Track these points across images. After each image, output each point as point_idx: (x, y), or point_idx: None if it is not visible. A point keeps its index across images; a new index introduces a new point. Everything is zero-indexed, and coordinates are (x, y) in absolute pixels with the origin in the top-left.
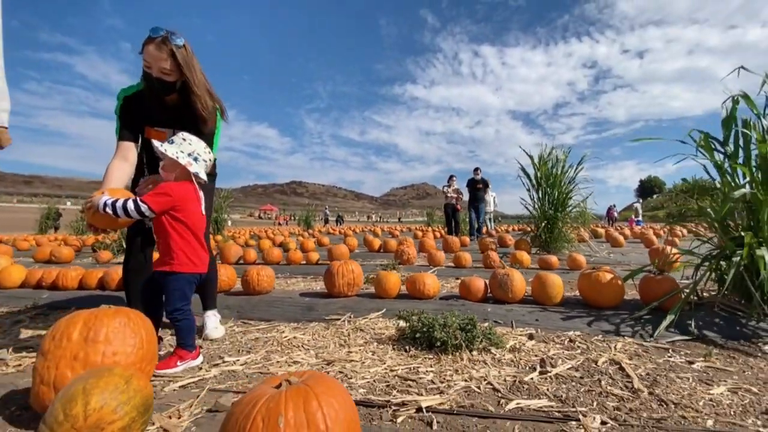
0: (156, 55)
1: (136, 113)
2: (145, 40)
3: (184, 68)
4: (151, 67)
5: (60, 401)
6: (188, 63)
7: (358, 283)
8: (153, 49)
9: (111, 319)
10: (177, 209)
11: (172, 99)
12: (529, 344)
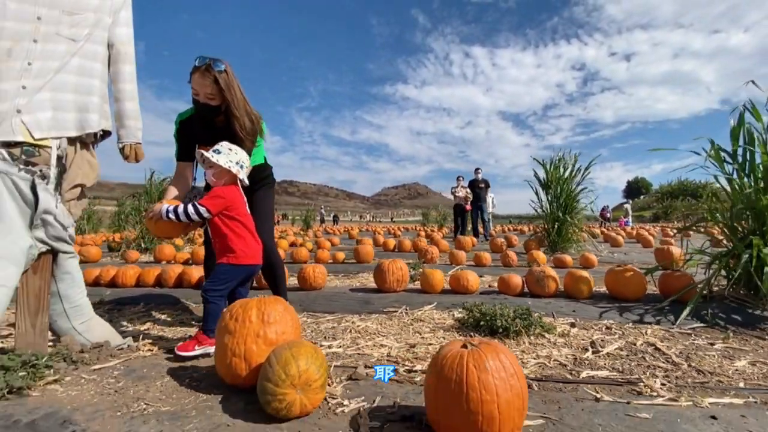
0: (201, 83)
1: (190, 135)
2: (192, 69)
3: (225, 92)
4: (198, 94)
5: (278, 365)
6: (229, 86)
7: (405, 279)
8: (198, 77)
9: (275, 305)
10: (230, 209)
11: (219, 121)
12: (574, 331)
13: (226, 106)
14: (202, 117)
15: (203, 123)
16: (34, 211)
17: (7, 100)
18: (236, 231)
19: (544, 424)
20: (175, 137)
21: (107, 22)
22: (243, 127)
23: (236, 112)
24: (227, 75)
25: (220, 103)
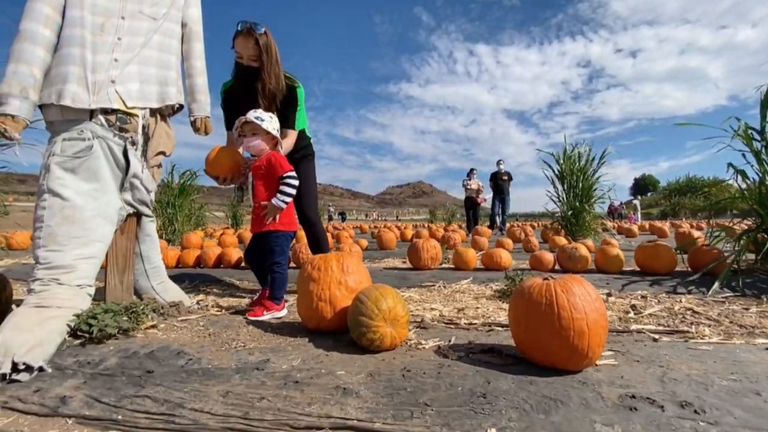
0: (244, 45)
1: (233, 103)
2: (234, 34)
3: (263, 53)
4: (243, 57)
5: (369, 302)
6: (268, 47)
7: (438, 257)
8: (241, 40)
9: (351, 258)
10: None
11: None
12: (611, 299)
13: (260, 66)
14: (242, 82)
15: (243, 88)
16: (125, 175)
17: (103, 71)
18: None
19: (613, 354)
20: (222, 107)
21: (181, 2)
22: (265, 86)
23: (264, 75)
24: (267, 37)
25: (260, 65)
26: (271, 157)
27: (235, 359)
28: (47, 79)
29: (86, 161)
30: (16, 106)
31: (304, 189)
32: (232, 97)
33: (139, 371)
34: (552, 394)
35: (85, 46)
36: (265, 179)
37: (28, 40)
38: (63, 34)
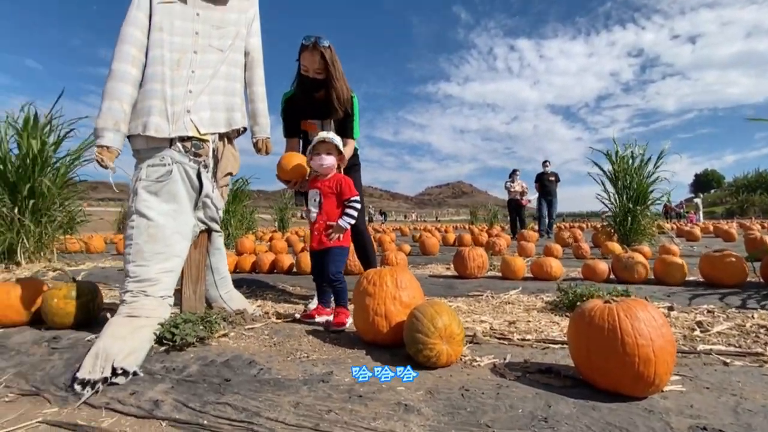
0: (311, 59)
1: (294, 112)
2: (300, 48)
3: (329, 65)
4: (308, 70)
5: (425, 319)
6: (333, 60)
7: (485, 266)
8: (308, 54)
9: (404, 273)
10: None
11: (319, 96)
12: (674, 314)
13: (328, 79)
14: (305, 92)
15: (305, 99)
16: (198, 195)
17: (179, 103)
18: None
19: (681, 380)
20: (282, 116)
21: (244, 33)
22: (339, 97)
23: (336, 83)
24: (331, 50)
25: (325, 77)
26: (343, 181)
27: (301, 370)
28: (134, 112)
29: (167, 185)
30: (110, 138)
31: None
32: (294, 106)
33: (217, 379)
34: (617, 421)
35: (165, 81)
36: (333, 199)
37: (119, 79)
38: (146, 71)
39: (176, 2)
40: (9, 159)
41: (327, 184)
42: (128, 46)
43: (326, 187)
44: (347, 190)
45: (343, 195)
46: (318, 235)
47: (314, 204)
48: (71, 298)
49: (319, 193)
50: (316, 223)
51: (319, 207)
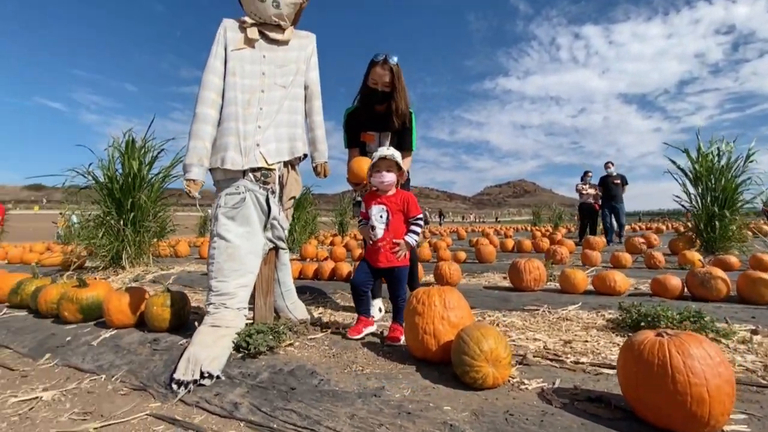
0: (381, 74)
1: (355, 124)
2: (371, 63)
3: (395, 80)
4: (377, 83)
5: (472, 342)
6: (399, 75)
7: (542, 278)
8: (379, 69)
9: (453, 293)
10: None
11: (381, 108)
12: (757, 338)
13: (393, 92)
14: (368, 104)
15: (367, 111)
16: (267, 218)
17: (250, 138)
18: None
19: (747, 419)
20: (344, 128)
21: (303, 68)
22: (398, 110)
23: (398, 96)
24: (398, 67)
25: (391, 90)
26: (410, 199)
27: (356, 383)
28: (213, 148)
29: (241, 210)
30: (196, 173)
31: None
32: (356, 119)
33: (284, 387)
34: None
35: (238, 119)
36: (401, 216)
37: (201, 121)
38: (223, 111)
39: (246, 48)
40: (115, 178)
41: (394, 200)
42: (208, 92)
43: (394, 204)
44: (414, 208)
45: (410, 213)
46: (385, 252)
47: (381, 221)
48: (167, 306)
49: (386, 209)
50: (383, 239)
51: (387, 224)
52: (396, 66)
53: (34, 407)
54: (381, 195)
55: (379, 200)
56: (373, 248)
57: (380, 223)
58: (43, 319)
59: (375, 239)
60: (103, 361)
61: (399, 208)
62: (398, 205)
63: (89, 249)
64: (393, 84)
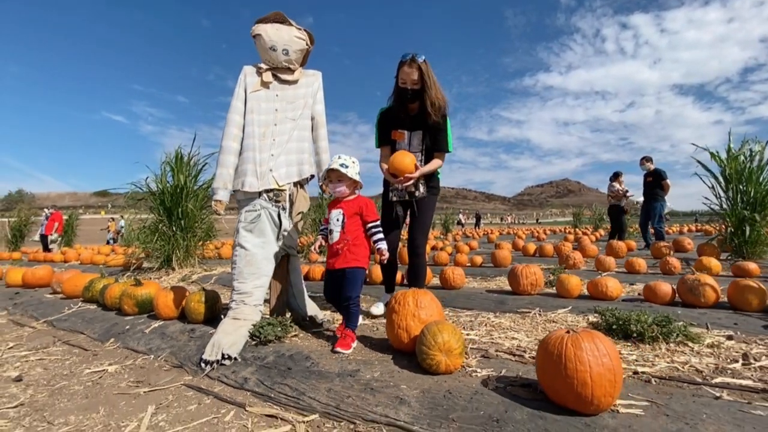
0: (408, 72)
1: (387, 123)
2: (399, 63)
3: (425, 76)
4: (406, 82)
5: (429, 335)
6: (428, 72)
7: (539, 283)
8: (406, 68)
9: (425, 295)
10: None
11: (413, 107)
12: (729, 343)
13: (423, 89)
14: (401, 103)
15: (400, 110)
16: (279, 230)
17: (264, 164)
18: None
19: (648, 405)
20: (376, 127)
21: (310, 102)
22: (433, 103)
23: (430, 92)
24: (426, 64)
25: (420, 87)
26: (367, 204)
27: (338, 366)
28: (236, 173)
29: (257, 224)
30: (222, 195)
31: (421, 221)
32: (388, 118)
33: (284, 367)
34: (554, 429)
35: (255, 149)
36: (357, 219)
37: (226, 152)
38: (243, 143)
39: (262, 89)
40: (167, 189)
41: (350, 205)
42: (231, 128)
43: (349, 208)
44: (371, 213)
45: (367, 218)
46: (343, 254)
47: (337, 224)
48: (202, 302)
49: (342, 213)
50: (339, 242)
51: (342, 226)
52: (423, 63)
53: (102, 376)
54: (341, 200)
55: (337, 205)
56: (330, 251)
57: (336, 227)
58: (108, 311)
59: (331, 242)
60: (152, 345)
61: (355, 212)
62: (354, 209)
63: (146, 252)
64: (422, 81)
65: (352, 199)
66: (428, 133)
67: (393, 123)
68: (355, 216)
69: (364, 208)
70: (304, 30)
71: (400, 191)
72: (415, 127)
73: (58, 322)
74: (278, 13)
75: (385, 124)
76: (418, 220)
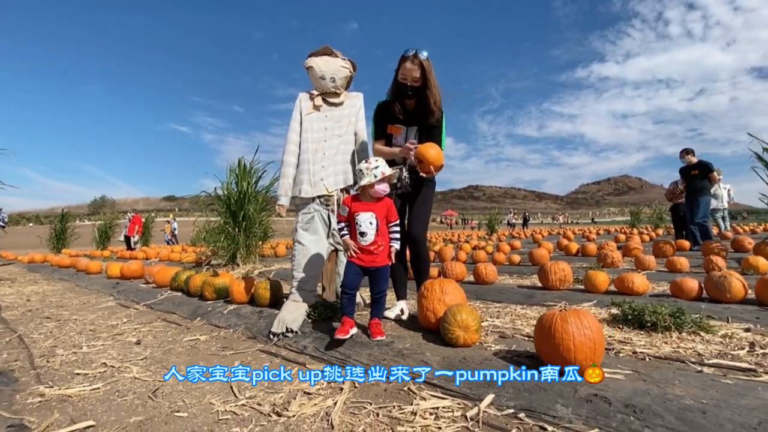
0: (410, 68)
1: (383, 117)
2: (401, 59)
3: (427, 73)
4: (407, 78)
5: (450, 314)
6: (429, 69)
7: (568, 279)
8: (408, 64)
9: (450, 283)
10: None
11: (411, 103)
12: (744, 334)
13: (424, 86)
14: (399, 98)
15: (398, 105)
16: (329, 228)
17: (317, 174)
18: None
19: (631, 374)
20: (373, 119)
21: (354, 120)
22: (435, 101)
23: (432, 89)
24: (428, 62)
25: (421, 84)
26: (391, 205)
27: (377, 339)
28: (294, 182)
29: (311, 224)
30: (283, 200)
31: (417, 210)
32: (385, 112)
33: (328, 340)
34: (542, 385)
35: (309, 162)
36: (385, 221)
37: (286, 165)
38: (300, 157)
39: (314, 112)
40: (232, 195)
41: (380, 208)
42: (290, 145)
43: (381, 211)
44: (394, 214)
45: (391, 218)
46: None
47: (371, 227)
48: (268, 289)
49: (375, 217)
50: (374, 243)
51: (377, 229)
52: (426, 61)
53: (196, 343)
54: (368, 202)
55: (367, 207)
56: (366, 250)
57: (370, 230)
58: (191, 297)
59: (366, 244)
60: (230, 322)
61: (384, 214)
62: (384, 212)
63: (213, 250)
64: (424, 78)
65: (380, 201)
66: (425, 130)
67: (390, 118)
68: (384, 218)
69: (390, 209)
70: (348, 60)
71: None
72: (412, 122)
73: (155, 305)
74: (326, 48)
75: (382, 118)
76: (415, 208)
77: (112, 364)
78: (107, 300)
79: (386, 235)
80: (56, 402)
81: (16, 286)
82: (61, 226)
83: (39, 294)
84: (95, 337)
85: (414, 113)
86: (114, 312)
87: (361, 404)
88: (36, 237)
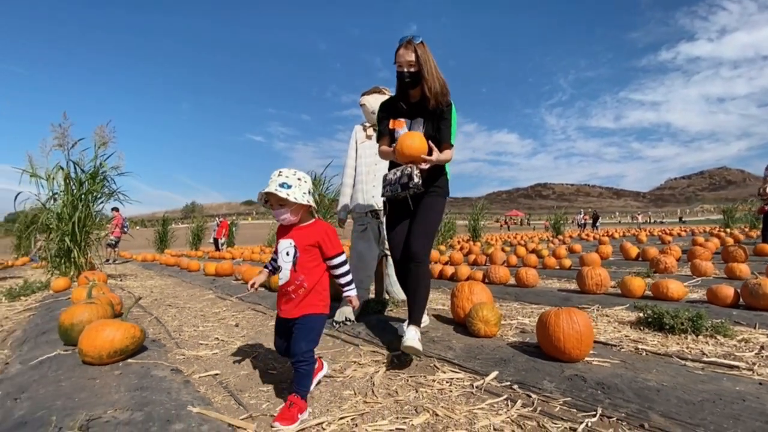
0: (404, 53)
1: (386, 113)
2: (397, 47)
3: (420, 58)
4: (402, 65)
5: (474, 310)
6: (424, 54)
7: (605, 284)
8: (402, 50)
9: (477, 285)
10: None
11: (414, 93)
12: (763, 339)
13: (420, 72)
14: (401, 90)
15: (401, 97)
16: (379, 236)
17: (369, 193)
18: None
19: (618, 363)
20: (377, 119)
21: None
22: (431, 88)
23: (427, 75)
24: (423, 46)
25: (418, 70)
26: (328, 233)
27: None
28: (351, 199)
29: (365, 233)
30: (343, 215)
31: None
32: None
33: (381, 326)
34: (539, 366)
35: (363, 182)
36: (315, 252)
37: (345, 186)
38: (356, 179)
39: (367, 141)
40: None
41: (305, 234)
42: (348, 169)
43: (304, 238)
44: (330, 245)
45: (327, 252)
46: (297, 299)
47: (287, 259)
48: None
49: (293, 244)
50: (289, 283)
51: (294, 262)
52: (420, 45)
53: None
54: (293, 227)
55: (288, 233)
56: (279, 293)
57: (286, 262)
58: (272, 292)
59: (281, 283)
60: None
61: (309, 243)
62: (309, 239)
63: None
64: (419, 63)
65: (306, 225)
66: (430, 121)
67: (393, 112)
68: (310, 249)
69: (323, 237)
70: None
71: (393, 185)
72: (416, 114)
73: (244, 297)
74: (376, 87)
75: (385, 116)
76: (416, 219)
77: (223, 339)
78: (208, 293)
79: (311, 271)
80: (193, 359)
81: (139, 281)
82: (163, 229)
83: (158, 287)
84: (206, 320)
85: (417, 104)
86: (215, 302)
87: (396, 373)
88: (144, 239)
